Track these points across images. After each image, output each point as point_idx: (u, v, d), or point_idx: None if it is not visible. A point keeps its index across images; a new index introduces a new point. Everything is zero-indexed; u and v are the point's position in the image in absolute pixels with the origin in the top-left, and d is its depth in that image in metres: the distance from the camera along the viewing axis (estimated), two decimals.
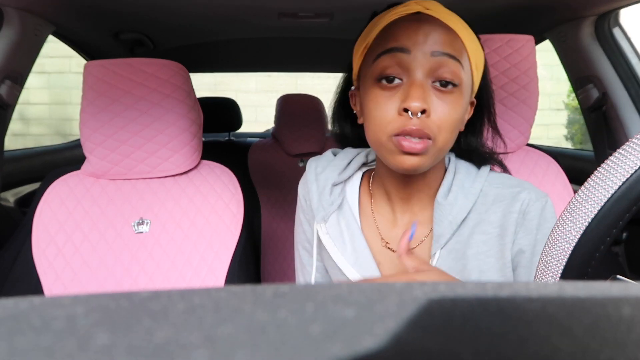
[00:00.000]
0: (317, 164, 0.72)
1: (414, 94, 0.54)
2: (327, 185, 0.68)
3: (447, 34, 0.57)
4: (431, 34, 0.56)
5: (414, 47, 0.56)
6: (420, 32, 0.56)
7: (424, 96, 0.54)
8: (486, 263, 0.61)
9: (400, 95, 0.56)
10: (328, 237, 0.68)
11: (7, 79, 1.09)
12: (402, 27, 0.57)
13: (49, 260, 0.88)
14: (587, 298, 0.16)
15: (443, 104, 0.56)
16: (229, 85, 4.83)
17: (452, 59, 0.56)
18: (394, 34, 0.57)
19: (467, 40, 0.58)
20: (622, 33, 1.21)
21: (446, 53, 0.56)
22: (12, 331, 0.13)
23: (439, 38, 0.56)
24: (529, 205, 0.61)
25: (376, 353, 0.12)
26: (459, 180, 0.64)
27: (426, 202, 0.66)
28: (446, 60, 0.55)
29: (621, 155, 0.35)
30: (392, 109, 0.56)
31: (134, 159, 0.93)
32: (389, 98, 0.57)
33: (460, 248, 0.62)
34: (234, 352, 0.12)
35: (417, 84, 0.55)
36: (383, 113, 0.57)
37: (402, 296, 0.16)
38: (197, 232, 0.92)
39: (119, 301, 0.15)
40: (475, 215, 0.63)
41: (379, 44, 0.58)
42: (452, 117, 0.56)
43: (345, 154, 0.71)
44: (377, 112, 0.57)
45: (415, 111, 0.54)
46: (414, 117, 0.54)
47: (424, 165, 0.57)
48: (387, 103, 0.56)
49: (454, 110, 0.56)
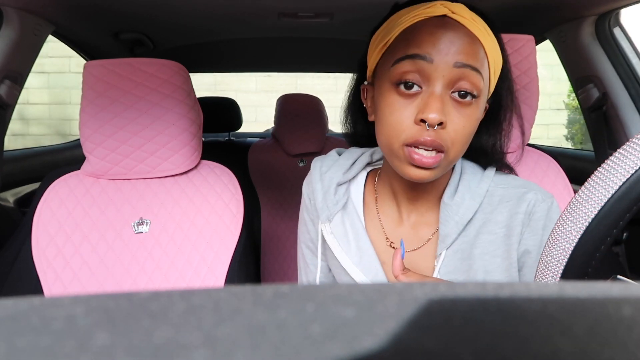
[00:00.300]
0: (322, 163, 0.72)
1: (433, 105, 0.53)
2: (331, 185, 0.68)
3: (471, 43, 0.54)
4: (455, 43, 0.54)
5: (437, 56, 0.54)
6: (444, 40, 0.54)
7: (442, 108, 0.53)
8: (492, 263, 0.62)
9: (418, 104, 0.54)
10: (332, 236, 0.68)
11: (6, 79, 1.09)
12: (426, 31, 0.55)
13: (48, 260, 0.88)
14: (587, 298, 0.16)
15: (460, 116, 0.54)
16: (229, 85, 4.83)
17: (473, 70, 0.54)
18: (417, 38, 0.55)
19: (488, 48, 0.56)
20: (623, 33, 1.21)
21: (469, 65, 0.54)
22: (12, 331, 0.13)
23: (463, 48, 0.54)
24: (535, 205, 0.61)
25: (376, 353, 0.12)
26: (465, 180, 0.63)
27: (432, 202, 0.66)
28: (468, 72, 0.54)
29: (621, 155, 0.35)
30: (408, 117, 0.55)
31: (133, 159, 0.93)
32: (405, 105, 0.55)
33: (466, 248, 0.62)
34: (234, 352, 0.12)
35: (437, 95, 0.53)
36: (398, 120, 0.55)
37: (402, 296, 0.16)
38: (197, 232, 0.92)
39: (118, 301, 0.15)
40: (481, 215, 0.63)
41: (400, 46, 0.56)
42: (467, 130, 0.55)
43: (350, 154, 0.71)
44: (392, 118, 0.56)
45: (433, 123, 0.52)
46: (430, 128, 0.53)
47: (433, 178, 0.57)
48: (403, 110, 0.55)
49: (470, 123, 0.55)
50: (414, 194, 0.65)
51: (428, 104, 0.53)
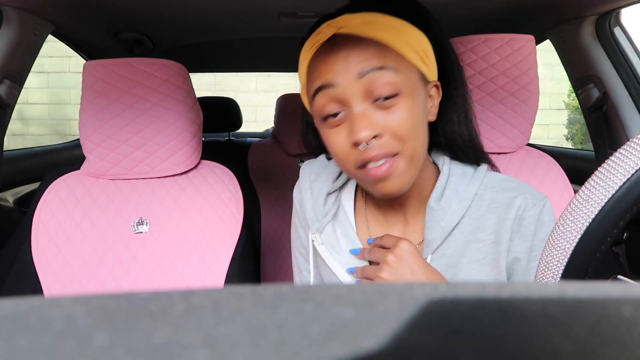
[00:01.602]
0: (310, 169, 0.71)
1: (358, 125, 0.52)
2: (321, 196, 0.68)
3: (367, 47, 0.52)
4: (351, 56, 0.52)
5: (338, 78, 0.53)
6: (338, 60, 0.53)
7: (369, 123, 0.52)
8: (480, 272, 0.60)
9: (347, 127, 0.54)
10: (324, 247, 0.67)
11: (6, 79, 1.09)
12: (321, 60, 0.54)
13: (48, 260, 0.88)
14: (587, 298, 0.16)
15: (393, 116, 0.53)
16: (229, 85, 4.83)
17: (382, 70, 0.52)
18: (317, 70, 0.55)
19: (394, 39, 0.53)
20: (623, 33, 1.21)
21: (373, 67, 0.52)
22: (12, 331, 0.13)
23: (361, 56, 0.52)
24: (525, 211, 0.59)
25: (376, 353, 0.12)
26: (452, 183, 0.61)
27: (418, 207, 0.64)
28: (376, 74, 0.52)
29: (622, 155, 0.35)
30: (345, 143, 0.55)
31: (133, 159, 0.93)
32: (338, 133, 0.55)
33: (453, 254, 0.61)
34: (234, 352, 0.12)
35: (357, 114, 0.53)
36: (339, 148, 0.56)
37: (402, 296, 0.15)
38: (196, 232, 0.92)
39: (118, 301, 0.15)
40: (469, 220, 0.61)
41: (310, 82, 0.57)
42: (407, 125, 0.53)
43: None
44: (334, 149, 0.57)
45: (365, 140, 0.52)
46: (367, 146, 0.53)
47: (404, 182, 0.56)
48: (338, 139, 0.56)
49: (407, 116, 0.53)
50: (398, 202, 0.64)
51: (352, 126, 0.53)
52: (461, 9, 1.21)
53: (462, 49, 0.95)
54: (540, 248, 0.59)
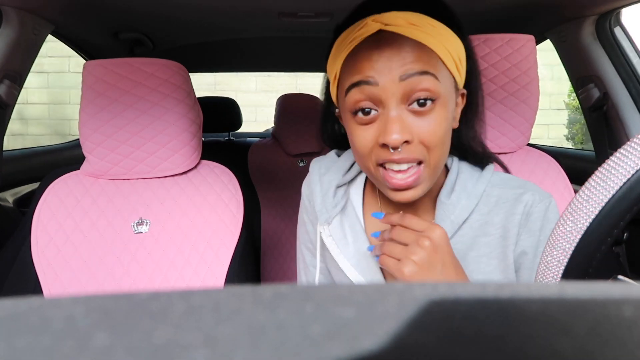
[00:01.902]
0: (320, 164, 0.72)
1: (391, 128, 0.51)
2: (330, 188, 0.68)
3: (413, 49, 0.52)
4: (395, 57, 0.51)
5: (380, 77, 0.52)
6: (382, 59, 0.52)
7: (401, 127, 0.51)
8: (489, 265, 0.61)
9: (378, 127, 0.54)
10: (331, 239, 0.67)
11: (6, 79, 1.09)
12: (363, 56, 0.53)
13: (48, 260, 0.88)
14: (588, 298, 0.16)
15: (425, 123, 0.53)
16: (229, 85, 4.83)
17: (424, 75, 0.51)
18: (357, 64, 0.53)
19: (438, 45, 0.53)
20: (623, 33, 1.21)
21: (416, 72, 0.51)
22: (11, 332, 0.13)
23: (406, 58, 0.51)
24: (532, 206, 0.61)
25: (376, 353, 0.12)
26: (462, 180, 0.63)
27: (429, 202, 0.66)
28: (417, 79, 0.51)
29: (622, 155, 0.35)
30: (372, 140, 0.54)
31: (133, 159, 0.93)
32: (367, 130, 0.55)
33: (461, 249, 0.62)
34: (234, 352, 0.12)
35: (393, 117, 0.52)
36: (364, 144, 0.55)
37: (402, 296, 0.15)
38: (196, 232, 0.92)
39: (118, 302, 0.15)
40: (477, 216, 0.62)
41: (346, 75, 0.55)
42: (438, 134, 0.53)
43: (349, 155, 0.71)
44: (358, 143, 0.56)
45: (396, 145, 0.51)
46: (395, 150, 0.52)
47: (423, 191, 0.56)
48: (366, 135, 0.55)
49: (439, 125, 0.53)
50: None
51: (386, 128, 0.52)
52: (461, 8, 1.21)
53: None
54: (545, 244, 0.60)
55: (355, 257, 0.66)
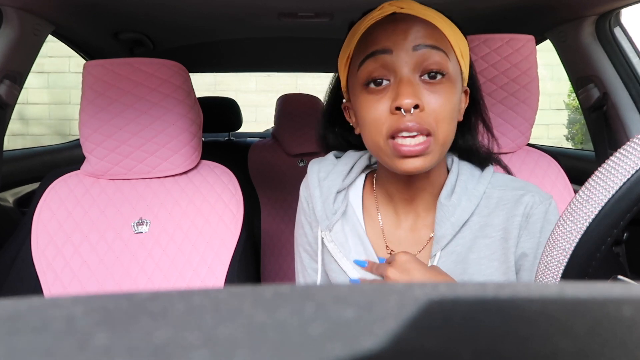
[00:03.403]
0: (319, 167, 0.71)
1: (404, 90, 0.53)
2: (330, 194, 0.68)
3: (426, 27, 0.56)
4: (410, 30, 0.55)
5: (395, 46, 0.55)
6: (398, 31, 0.56)
7: (414, 92, 0.54)
8: (489, 267, 0.61)
9: (390, 95, 0.55)
10: (333, 244, 0.67)
11: (6, 79, 1.09)
12: (379, 30, 0.57)
13: (48, 260, 0.88)
14: (587, 298, 0.16)
15: (435, 95, 0.55)
16: (229, 85, 4.83)
17: (435, 49, 0.55)
18: (373, 38, 0.57)
19: (447, 31, 0.58)
20: (623, 33, 1.21)
21: (428, 45, 0.55)
22: (11, 332, 0.13)
23: (419, 32, 0.55)
24: (532, 208, 0.61)
25: (376, 353, 0.12)
26: (462, 181, 0.63)
27: (430, 202, 0.65)
28: (430, 51, 0.55)
29: (622, 156, 0.35)
30: (384, 110, 0.55)
31: (133, 159, 0.93)
32: (379, 100, 0.56)
33: (461, 251, 0.62)
34: (234, 352, 0.12)
35: (405, 80, 0.54)
36: (376, 115, 0.56)
37: (402, 296, 0.15)
38: (197, 232, 0.92)
39: (118, 301, 0.15)
40: (478, 218, 0.62)
41: (361, 51, 0.58)
42: (447, 107, 0.55)
43: (348, 158, 0.71)
44: (369, 115, 0.57)
45: (408, 107, 0.53)
46: (407, 114, 0.53)
47: (429, 165, 0.56)
48: (378, 106, 0.56)
49: (448, 100, 0.55)
50: (410, 193, 0.65)
51: (399, 91, 0.54)
52: (461, 9, 1.21)
53: None
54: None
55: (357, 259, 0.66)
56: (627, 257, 1.14)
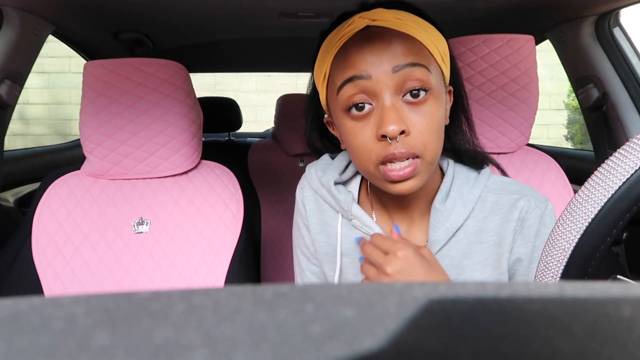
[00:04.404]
0: (316, 167, 0.71)
1: (388, 117, 0.51)
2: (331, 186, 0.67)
3: (402, 42, 0.53)
4: (386, 50, 0.52)
5: (373, 70, 0.52)
6: (373, 51, 0.53)
7: (398, 117, 0.52)
8: (483, 272, 0.61)
9: (374, 121, 0.53)
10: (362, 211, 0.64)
11: (6, 79, 1.09)
12: (354, 50, 0.54)
13: (48, 260, 0.88)
14: (587, 298, 0.16)
15: (420, 115, 0.53)
16: (229, 85, 4.83)
17: (416, 66, 0.53)
18: (349, 60, 0.54)
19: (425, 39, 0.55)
20: (623, 33, 1.21)
21: (408, 63, 0.52)
22: (12, 331, 0.13)
23: (396, 51, 0.52)
24: (527, 212, 0.60)
25: (376, 353, 0.12)
26: (457, 185, 0.62)
27: (425, 208, 0.64)
28: (410, 70, 0.52)
29: (621, 155, 0.35)
30: (370, 136, 0.54)
31: (133, 159, 0.93)
32: (363, 127, 0.54)
33: (456, 255, 0.61)
34: (234, 352, 0.12)
35: (388, 107, 0.52)
36: (363, 142, 0.54)
37: (402, 296, 0.16)
38: (197, 232, 0.92)
39: (118, 301, 0.15)
40: (472, 222, 0.61)
41: (337, 72, 0.56)
42: (433, 125, 0.54)
43: (344, 155, 0.70)
44: (356, 142, 0.55)
45: (394, 135, 0.51)
46: (393, 141, 0.52)
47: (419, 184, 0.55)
48: (363, 132, 0.54)
49: (433, 117, 0.54)
50: (404, 202, 0.64)
51: (383, 118, 0.52)
52: (461, 9, 1.21)
53: (462, 49, 0.95)
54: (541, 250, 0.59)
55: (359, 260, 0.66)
56: (627, 257, 1.14)
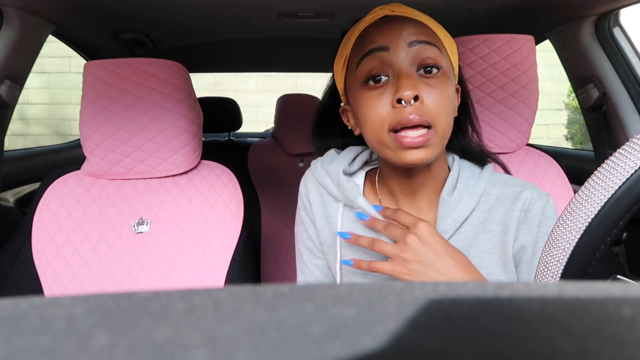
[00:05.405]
0: (322, 160, 0.72)
1: (404, 83, 0.55)
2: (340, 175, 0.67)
3: (418, 26, 0.59)
4: (404, 28, 0.59)
5: (391, 43, 0.58)
6: (393, 29, 0.59)
7: (413, 84, 0.56)
8: (489, 260, 0.63)
9: (390, 90, 0.57)
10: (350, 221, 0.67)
11: (6, 79, 1.09)
12: (374, 30, 0.60)
13: (48, 260, 0.88)
14: (587, 298, 0.16)
15: (432, 89, 0.57)
16: (229, 85, 4.83)
17: (429, 45, 0.58)
18: (370, 37, 0.59)
19: (437, 30, 0.61)
20: (622, 33, 1.21)
21: (422, 41, 0.58)
22: (12, 331, 0.13)
23: (412, 30, 0.58)
24: (530, 203, 0.63)
25: (376, 353, 0.12)
26: (463, 178, 0.65)
27: (432, 198, 0.66)
28: (424, 47, 0.58)
29: (621, 155, 0.35)
30: (385, 104, 0.57)
31: (133, 159, 0.93)
32: (379, 96, 0.58)
33: (462, 245, 0.63)
34: (234, 352, 0.12)
35: (404, 74, 0.57)
36: (377, 111, 0.58)
37: (402, 296, 0.16)
38: (197, 232, 0.92)
39: (118, 301, 0.15)
40: (478, 214, 0.64)
41: (358, 51, 0.60)
42: (444, 101, 0.57)
43: (350, 150, 0.72)
44: (371, 112, 0.58)
45: (409, 99, 0.55)
46: (407, 105, 0.55)
47: (430, 157, 0.57)
48: (379, 101, 0.58)
49: (444, 93, 0.58)
50: (412, 188, 0.65)
51: (399, 84, 0.56)
52: (461, 9, 1.21)
53: (462, 49, 0.95)
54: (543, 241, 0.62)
55: (360, 250, 0.67)
56: (627, 257, 1.14)
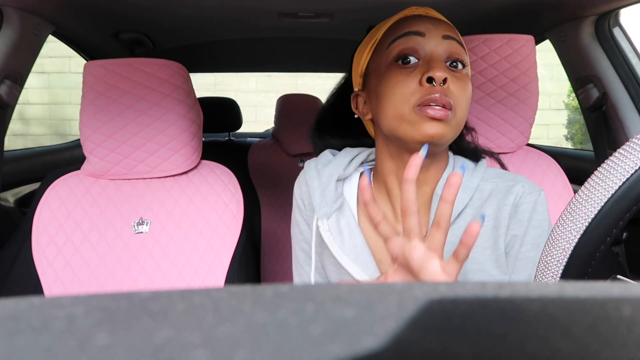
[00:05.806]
0: (317, 162, 0.72)
1: (437, 64, 0.58)
2: (331, 181, 0.68)
3: (450, 27, 0.63)
4: (438, 24, 0.62)
5: (427, 32, 0.61)
6: (429, 21, 0.62)
7: (444, 68, 0.59)
8: (482, 255, 0.63)
9: (420, 71, 0.59)
10: (329, 234, 0.68)
11: (6, 79, 1.09)
12: (412, 19, 0.63)
13: (48, 260, 0.88)
14: (587, 298, 0.16)
15: (457, 81, 0.60)
16: (229, 85, 4.83)
17: (459, 43, 0.62)
18: (407, 23, 0.62)
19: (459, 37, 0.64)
20: (622, 33, 1.21)
21: (455, 37, 0.62)
22: (12, 331, 0.13)
23: (445, 27, 0.62)
24: (521, 198, 0.64)
25: (376, 353, 0.12)
26: None
27: (428, 197, 0.66)
28: (455, 44, 0.61)
29: (621, 155, 0.35)
30: (413, 82, 0.59)
31: (133, 159, 0.93)
32: (407, 76, 0.60)
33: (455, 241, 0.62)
34: (234, 352, 0.12)
35: (437, 57, 0.60)
36: (405, 86, 0.59)
37: (402, 296, 0.16)
38: (197, 232, 0.92)
39: (118, 301, 0.15)
40: (471, 210, 0.65)
41: (392, 34, 0.63)
42: (465, 93, 0.60)
43: (347, 151, 0.72)
44: (397, 87, 0.60)
45: (440, 79, 0.57)
46: (437, 85, 0.57)
47: (446, 135, 0.59)
48: (407, 78, 0.60)
49: (466, 87, 0.60)
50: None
51: (431, 65, 0.58)
52: (461, 9, 1.21)
53: None
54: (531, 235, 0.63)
55: (352, 252, 0.66)
56: (627, 256, 1.14)
